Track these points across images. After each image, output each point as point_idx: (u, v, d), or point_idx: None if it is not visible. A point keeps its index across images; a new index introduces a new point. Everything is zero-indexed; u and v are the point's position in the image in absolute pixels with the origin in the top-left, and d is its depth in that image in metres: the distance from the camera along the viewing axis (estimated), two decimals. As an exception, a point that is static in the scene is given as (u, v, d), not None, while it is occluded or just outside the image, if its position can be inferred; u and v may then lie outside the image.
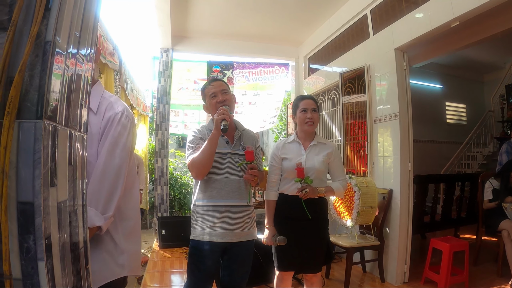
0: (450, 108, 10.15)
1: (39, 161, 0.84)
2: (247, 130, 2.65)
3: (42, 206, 0.84)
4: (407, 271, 4.26)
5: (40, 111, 0.85)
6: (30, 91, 0.85)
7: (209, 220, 2.37)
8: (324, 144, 2.93)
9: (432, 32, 3.84)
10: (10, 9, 0.88)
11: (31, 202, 0.84)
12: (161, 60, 6.71)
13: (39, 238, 0.84)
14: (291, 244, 2.77)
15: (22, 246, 0.84)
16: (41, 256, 0.85)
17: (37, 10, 0.87)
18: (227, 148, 2.44)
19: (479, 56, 8.61)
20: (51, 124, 0.90)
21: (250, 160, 2.36)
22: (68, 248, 0.99)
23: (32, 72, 0.86)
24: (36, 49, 0.87)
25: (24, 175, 0.83)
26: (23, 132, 0.84)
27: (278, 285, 2.98)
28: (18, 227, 0.83)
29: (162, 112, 6.61)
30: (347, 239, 4.25)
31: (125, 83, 4.74)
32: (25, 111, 0.85)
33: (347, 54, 5.47)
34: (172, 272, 4.69)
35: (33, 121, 0.84)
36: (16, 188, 0.83)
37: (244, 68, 7.40)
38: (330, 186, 2.85)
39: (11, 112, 0.81)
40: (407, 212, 4.26)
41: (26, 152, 0.83)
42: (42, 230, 0.84)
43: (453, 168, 9.33)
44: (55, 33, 0.89)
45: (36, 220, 0.84)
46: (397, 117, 4.27)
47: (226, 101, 2.43)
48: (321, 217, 2.88)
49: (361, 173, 4.91)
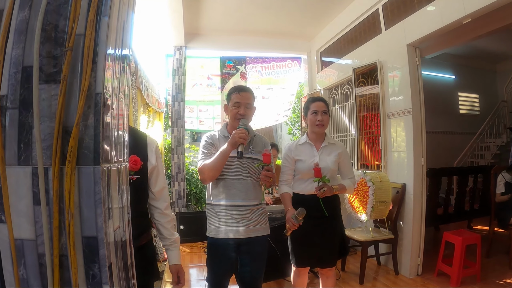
0: (463, 99, 10.04)
1: (100, 201, 0.94)
2: (258, 135, 2.77)
3: (105, 239, 0.96)
4: (420, 264, 4.35)
5: (98, 157, 0.95)
6: (86, 140, 0.95)
7: (222, 218, 2.54)
8: (334, 145, 3.04)
9: (444, 28, 3.86)
10: (57, 62, 0.98)
11: (95, 237, 0.95)
12: (175, 58, 6.79)
13: (103, 266, 0.96)
14: (308, 241, 2.90)
15: (88, 273, 0.96)
16: (106, 281, 0.97)
17: (85, 64, 0.96)
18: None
19: (492, 46, 8.49)
20: (106, 167, 1.00)
21: (267, 162, 2.47)
22: (122, 268, 1.11)
23: (86, 122, 0.96)
24: (88, 101, 0.96)
25: (87, 214, 0.95)
26: (83, 176, 0.94)
27: (295, 280, 3.13)
28: (84, 258, 0.95)
29: (177, 110, 6.72)
30: (362, 233, 4.35)
31: (140, 83, 4.83)
32: (83, 158, 0.95)
33: (360, 49, 5.50)
34: (191, 267, 4.83)
35: (92, 166, 0.95)
36: (80, 225, 0.94)
37: (257, 63, 7.44)
38: (342, 184, 2.97)
39: (71, 161, 0.91)
40: (420, 206, 4.33)
41: (87, 194, 0.94)
42: (105, 259, 0.96)
43: (466, 159, 9.29)
44: (103, 84, 0.99)
45: (100, 251, 0.96)
46: (410, 113, 4.32)
47: (246, 115, 2.56)
48: (335, 213, 3.01)
49: (375, 166, 4.98)
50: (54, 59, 0.98)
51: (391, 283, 4.16)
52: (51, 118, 0.95)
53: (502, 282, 4.05)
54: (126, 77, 1.24)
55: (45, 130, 0.94)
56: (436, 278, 4.19)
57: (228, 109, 2.65)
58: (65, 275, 0.93)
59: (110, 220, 1.02)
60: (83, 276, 0.95)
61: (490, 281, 4.06)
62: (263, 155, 2.50)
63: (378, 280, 4.28)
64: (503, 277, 4.16)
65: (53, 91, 0.96)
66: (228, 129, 2.65)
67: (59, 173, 0.90)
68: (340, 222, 3.10)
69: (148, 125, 6.24)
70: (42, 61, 0.97)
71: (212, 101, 7.30)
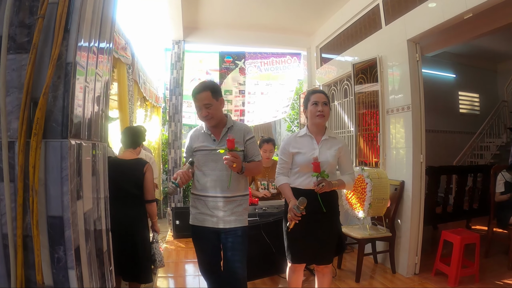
0: (463, 98, 10.01)
1: (67, 178, 0.88)
2: (238, 124, 2.83)
3: (71, 219, 0.89)
4: (418, 263, 4.29)
5: (65, 130, 0.89)
6: (54, 112, 0.89)
7: (199, 207, 2.73)
8: (334, 139, 2.96)
9: (445, 23, 3.80)
10: (29, 31, 0.91)
11: (61, 216, 0.89)
12: (173, 52, 6.74)
13: (69, 249, 0.90)
14: (305, 237, 2.83)
15: (53, 256, 0.89)
16: (72, 265, 0.91)
17: (57, 32, 0.90)
18: (213, 145, 2.69)
19: (493, 45, 8.46)
20: (76, 141, 0.94)
21: (231, 148, 2.51)
22: (94, 254, 1.05)
23: (56, 93, 0.90)
24: (58, 71, 0.90)
25: (53, 192, 0.88)
26: (50, 150, 0.88)
27: (290, 276, 3.06)
28: (49, 239, 0.89)
29: (175, 104, 6.67)
30: (359, 230, 4.29)
31: (137, 76, 4.78)
32: (51, 131, 0.89)
33: (359, 45, 5.44)
34: (186, 262, 4.78)
35: (59, 140, 0.88)
36: (45, 204, 0.88)
37: (256, 58, 7.40)
38: (341, 180, 2.90)
39: (37, 133, 0.85)
40: (418, 204, 4.27)
41: (53, 170, 0.88)
42: (72, 242, 0.90)
43: (466, 159, 9.25)
44: (75, 54, 0.92)
45: (66, 233, 0.89)
46: (409, 109, 4.26)
47: (209, 115, 2.62)
48: (333, 210, 2.93)
49: (373, 163, 4.92)
50: (27, 28, 0.92)
51: (388, 281, 4.11)
52: (20, 89, 0.89)
53: (500, 283, 3.99)
54: (108, 55, 1.18)
55: (13, 101, 0.88)
56: (434, 278, 4.13)
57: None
58: (29, 258, 0.87)
59: (80, 201, 0.96)
60: (48, 259, 0.88)
61: (489, 282, 4.00)
62: (227, 141, 2.53)
63: (374, 279, 4.22)
64: (502, 278, 4.10)
65: (23, 61, 0.90)
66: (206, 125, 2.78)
67: (25, 147, 0.84)
68: (338, 219, 3.03)
69: (146, 119, 6.19)
70: (14, 31, 0.91)
71: (210, 96, 7.22)
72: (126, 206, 3.14)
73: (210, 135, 2.72)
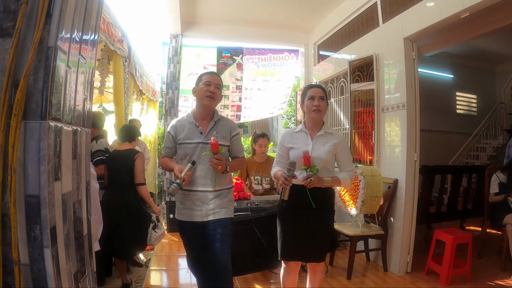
0: (460, 99, 10.02)
1: (44, 158, 0.90)
2: (224, 119, 2.86)
3: (47, 199, 0.91)
4: (410, 261, 4.30)
5: (44, 112, 0.91)
6: (34, 94, 0.92)
7: (185, 202, 2.71)
8: (331, 134, 2.92)
9: (442, 22, 3.79)
10: (14, 16, 0.93)
11: (38, 196, 0.90)
12: (171, 46, 6.73)
13: (45, 228, 0.92)
14: (295, 232, 2.81)
15: (29, 235, 0.91)
16: (47, 244, 0.92)
17: (39, 17, 0.92)
18: (200, 138, 2.69)
19: (491, 47, 8.47)
20: (55, 124, 0.96)
21: (214, 151, 2.56)
22: (72, 236, 1.07)
23: (36, 76, 0.92)
24: (39, 55, 0.92)
25: (31, 171, 0.90)
26: (29, 131, 0.90)
27: (285, 278, 3.01)
28: (26, 218, 0.90)
29: (171, 98, 6.66)
30: (352, 228, 4.30)
31: (134, 69, 4.76)
32: (31, 112, 0.91)
33: (356, 42, 5.44)
34: (179, 256, 4.79)
35: (38, 121, 0.91)
36: (23, 183, 0.90)
37: (254, 54, 7.40)
38: (336, 176, 2.84)
39: (17, 114, 0.87)
40: (412, 202, 4.28)
41: (32, 150, 0.90)
42: (47, 221, 0.92)
43: (461, 159, 9.26)
44: (57, 38, 0.94)
45: (42, 212, 0.91)
46: (404, 107, 4.26)
47: (215, 94, 2.67)
48: (327, 207, 2.89)
49: (368, 161, 4.92)
50: (12, 13, 0.94)
51: (380, 279, 4.11)
52: (3, 72, 0.90)
53: (492, 284, 3.99)
54: (93, 42, 1.19)
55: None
56: (426, 277, 4.14)
57: (197, 91, 2.75)
58: (7, 236, 0.89)
59: (58, 182, 0.98)
60: (25, 238, 0.91)
61: (481, 282, 4.00)
62: (211, 144, 2.56)
63: (366, 276, 4.23)
64: (493, 279, 4.10)
65: (7, 45, 0.92)
66: (193, 113, 2.79)
67: (5, 127, 0.86)
68: (331, 217, 2.98)
69: (142, 113, 6.19)
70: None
71: (207, 91, 7.24)
72: (122, 191, 3.65)
73: (197, 127, 2.72)
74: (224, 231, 2.68)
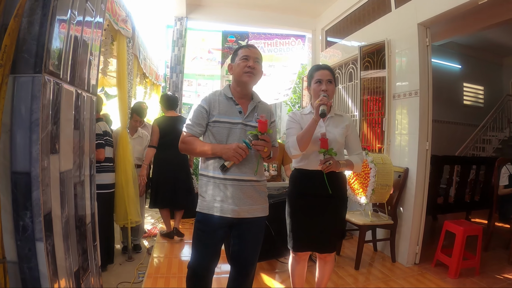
0: (467, 90, 9.94)
1: (37, 123, 0.70)
2: (263, 102, 2.51)
3: (40, 177, 0.72)
4: (418, 253, 4.21)
5: (40, 63, 0.71)
6: (27, 40, 0.71)
7: (220, 192, 2.25)
8: (341, 116, 2.79)
9: (458, 8, 3.65)
10: None
11: (28, 172, 0.71)
12: (175, 29, 6.60)
13: (37, 215, 0.72)
14: (308, 223, 2.67)
15: (17, 224, 0.71)
16: (40, 236, 0.73)
17: None
18: (240, 118, 2.31)
19: (500, 38, 8.36)
20: (53, 80, 0.76)
21: (263, 131, 2.18)
22: (73, 225, 0.86)
23: (31, 18, 0.72)
24: None
25: (20, 140, 0.71)
26: (19, 88, 0.70)
27: (293, 267, 2.89)
28: (12, 202, 0.71)
29: (175, 82, 6.54)
30: (360, 216, 4.19)
31: (138, 51, 4.62)
32: (22, 63, 0.71)
33: (367, 28, 5.30)
34: (181, 244, 4.69)
35: (31, 75, 0.71)
36: (10, 156, 0.71)
37: (260, 39, 7.26)
38: (349, 160, 2.69)
39: (4, 65, 0.67)
40: (422, 192, 4.18)
41: (22, 112, 0.70)
42: (40, 205, 0.72)
43: (467, 151, 9.19)
44: None
45: (33, 194, 0.71)
46: (417, 94, 4.14)
47: (255, 69, 2.31)
48: (340, 194, 2.75)
49: (377, 149, 4.80)
50: None
51: (388, 270, 4.02)
52: None
53: (501, 277, 3.90)
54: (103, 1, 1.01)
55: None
56: (434, 268, 4.05)
57: (233, 67, 2.39)
58: None
59: (55, 156, 0.78)
60: (11, 228, 0.70)
61: (489, 275, 3.92)
62: (258, 122, 2.19)
63: (374, 267, 4.13)
64: (502, 272, 4.02)
65: None
66: (231, 89, 2.40)
67: None
68: (345, 205, 2.82)
69: (145, 97, 6.07)
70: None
71: (212, 75, 7.16)
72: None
73: (236, 105, 2.35)
74: (259, 234, 2.39)
